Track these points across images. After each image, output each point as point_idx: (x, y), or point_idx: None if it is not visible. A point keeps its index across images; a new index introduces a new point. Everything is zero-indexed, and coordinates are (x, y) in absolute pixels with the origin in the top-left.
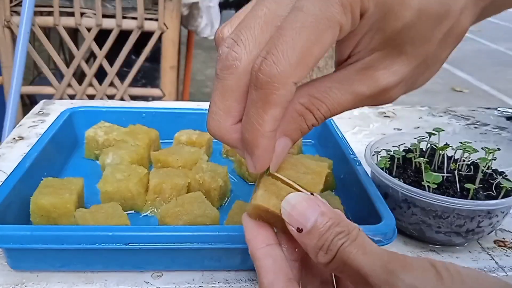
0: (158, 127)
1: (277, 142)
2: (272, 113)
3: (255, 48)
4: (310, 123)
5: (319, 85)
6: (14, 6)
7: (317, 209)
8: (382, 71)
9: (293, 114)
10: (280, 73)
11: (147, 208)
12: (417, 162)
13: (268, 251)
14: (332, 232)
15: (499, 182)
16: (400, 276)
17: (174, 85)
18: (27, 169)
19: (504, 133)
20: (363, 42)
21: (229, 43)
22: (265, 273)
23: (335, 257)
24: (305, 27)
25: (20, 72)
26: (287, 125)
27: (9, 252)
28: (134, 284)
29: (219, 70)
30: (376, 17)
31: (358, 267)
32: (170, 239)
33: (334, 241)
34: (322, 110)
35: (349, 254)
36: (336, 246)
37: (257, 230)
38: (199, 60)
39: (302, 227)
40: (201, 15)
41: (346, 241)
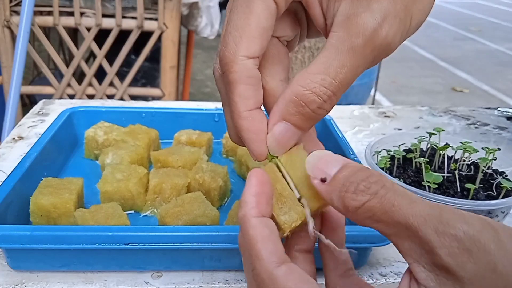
0: (158, 127)
1: (276, 126)
2: (237, 91)
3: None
4: (315, 105)
5: (315, 61)
6: (14, 6)
7: (341, 161)
8: (362, 14)
9: (289, 96)
10: (229, 51)
11: (147, 208)
12: (418, 162)
13: (265, 221)
14: (358, 175)
15: (500, 182)
16: (458, 225)
17: (174, 85)
18: (27, 169)
19: (504, 133)
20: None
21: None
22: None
23: (370, 202)
24: (239, 5)
25: (19, 72)
26: (283, 108)
27: (9, 252)
28: (134, 284)
29: None
30: None
31: (405, 216)
32: (170, 239)
33: (364, 183)
34: (326, 84)
35: (394, 201)
36: (372, 190)
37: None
38: (199, 60)
39: (326, 176)
40: (201, 14)
41: (382, 188)
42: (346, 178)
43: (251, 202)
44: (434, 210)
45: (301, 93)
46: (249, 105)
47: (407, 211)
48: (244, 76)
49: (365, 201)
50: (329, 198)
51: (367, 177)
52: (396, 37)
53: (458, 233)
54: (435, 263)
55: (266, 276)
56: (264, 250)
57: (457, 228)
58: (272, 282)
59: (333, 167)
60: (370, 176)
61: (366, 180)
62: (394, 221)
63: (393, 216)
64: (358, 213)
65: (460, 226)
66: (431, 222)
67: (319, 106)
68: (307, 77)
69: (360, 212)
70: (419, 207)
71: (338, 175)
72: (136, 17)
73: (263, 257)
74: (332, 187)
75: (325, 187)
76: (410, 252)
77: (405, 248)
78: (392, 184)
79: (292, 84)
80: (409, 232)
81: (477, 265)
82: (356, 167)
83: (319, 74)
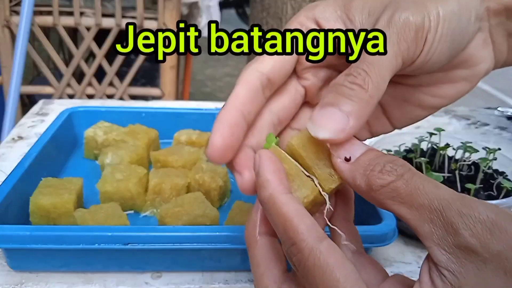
0: (157, 127)
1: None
2: (233, 91)
3: None
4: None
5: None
6: (14, 6)
7: (366, 146)
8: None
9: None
10: (248, 64)
11: (147, 208)
12: (418, 162)
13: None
14: (383, 159)
15: (500, 182)
16: (479, 208)
17: (174, 85)
18: (26, 169)
19: (504, 133)
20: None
21: None
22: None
23: (395, 182)
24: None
25: (19, 72)
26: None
27: (9, 252)
28: (133, 285)
29: None
30: None
31: (431, 199)
32: (170, 239)
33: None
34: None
35: (420, 185)
36: (399, 172)
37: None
38: (199, 60)
39: (351, 156)
40: (201, 14)
41: (408, 171)
42: (372, 159)
43: (274, 180)
44: (457, 195)
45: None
46: (235, 102)
47: (432, 195)
48: (244, 80)
49: (391, 180)
50: (352, 177)
51: (393, 160)
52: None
53: (481, 216)
54: (457, 245)
55: (308, 251)
56: (303, 225)
57: (480, 211)
58: (314, 257)
59: (358, 149)
60: (396, 159)
61: (392, 162)
62: (418, 204)
63: (418, 198)
64: (382, 191)
65: (483, 209)
66: (455, 205)
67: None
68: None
69: (384, 191)
70: (443, 191)
71: (363, 156)
72: (136, 17)
73: (303, 232)
74: (356, 167)
75: (349, 166)
76: (431, 235)
77: (425, 231)
78: (416, 170)
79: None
80: (432, 215)
81: (500, 245)
82: (381, 152)
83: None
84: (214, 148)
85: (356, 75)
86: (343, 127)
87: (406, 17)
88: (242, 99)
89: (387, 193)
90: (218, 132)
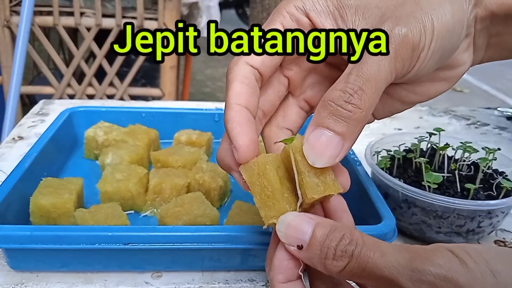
0: (158, 127)
1: (310, 134)
2: (232, 87)
3: None
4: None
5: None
6: (14, 6)
7: (310, 221)
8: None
9: (320, 103)
10: (234, 59)
11: (147, 208)
12: (418, 162)
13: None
14: (333, 238)
15: (500, 182)
16: (427, 270)
17: (174, 85)
18: (26, 169)
19: (504, 133)
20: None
21: None
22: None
23: (349, 264)
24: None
25: (19, 72)
26: (315, 116)
27: (9, 252)
28: (134, 284)
29: None
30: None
31: (381, 270)
32: (170, 239)
33: (341, 247)
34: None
35: (368, 258)
36: (348, 253)
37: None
38: (199, 60)
39: (302, 243)
40: (201, 14)
41: (356, 246)
42: (322, 243)
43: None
44: (403, 258)
45: (327, 94)
46: (239, 100)
47: (381, 265)
48: (240, 76)
49: (345, 264)
50: (311, 263)
51: (340, 239)
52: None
53: (429, 278)
54: None
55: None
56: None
57: (427, 274)
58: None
59: (305, 231)
60: (343, 237)
61: (340, 243)
62: (374, 276)
63: (370, 272)
64: (342, 275)
65: (431, 270)
66: (404, 272)
67: (347, 100)
68: (333, 85)
69: (343, 274)
70: (390, 258)
71: (313, 241)
72: (136, 17)
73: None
74: (311, 254)
75: (304, 254)
76: None
77: None
78: (362, 239)
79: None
80: (387, 283)
81: None
82: (327, 227)
83: (343, 76)
84: (244, 149)
85: (352, 93)
86: (338, 153)
87: (405, 33)
88: (245, 96)
89: (346, 274)
90: (241, 133)
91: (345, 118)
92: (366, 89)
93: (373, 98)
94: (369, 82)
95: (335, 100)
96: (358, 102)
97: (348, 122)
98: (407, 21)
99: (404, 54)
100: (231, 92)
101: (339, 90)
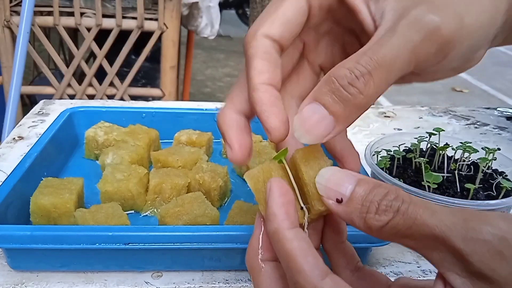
0: (158, 127)
1: (305, 106)
2: (253, 65)
3: None
4: (345, 81)
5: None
6: (14, 6)
7: (353, 177)
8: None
9: (325, 77)
10: (252, 30)
11: (147, 208)
12: (417, 162)
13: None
14: (377, 193)
15: (499, 182)
16: (485, 229)
17: (174, 85)
18: (27, 169)
19: (504, 133)
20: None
21: None
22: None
23: (393, 220)
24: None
25: (20, 72)
26: (316, 89)
27: (9, 252)
28: (134, 284)
29: None
30: None
31: (431, 228)
32: (170, 239)
33: (385, 202)
34: (361, 60)
35: (416, 215)
36: (394, 208)
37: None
38: (199, 60)
39: (342, 196)
40: (201, 15)
41: (402, 203)
42: (364, 197)
43: (280, 214)
44: (457, 217)
45: (334, 69)
46: (263, 79)
47: (430, 223)
48: (261, 51)
49: (389, 219)
50: (349, 219)
51: (385, 194)
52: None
53: (486, 237)
54: (468, 270)
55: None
56: (306, 264)
57: (485, 232)
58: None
59: (347, 185)
60: (388, 193)
61: (385, 198)
62: (420, 235)
63: (417, 229)
64: (383, 231)
65: (487, 229)
66: (457, 230)
67: (350, 82)
68: (347, 59)
69: (385, 230)
70: (442, 216)
71: (354, 195)
72: (136, 17)
73: (306, 271)
74: (350, 208)
75: (343, 208)
76: (442, 262)
77: (436, 259)
78: (409, 197)
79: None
80: (436, 242)
81: (510, 267)
82: (371, 184)
83: (357, 54)
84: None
85: (358, 75)
86: (327, 133)
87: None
88: (268, 74)
89: (387, 231)
90: (272, 115)
91: (343, 100)
92: (375, 75)
93: (380, 86)
94: (381, 68)
95: (339, 79)
96: (362, 87)
97: (346, 105)
98: (444, 11)
99: (430, 47)
100: (253, 72)
101: (346, 68)
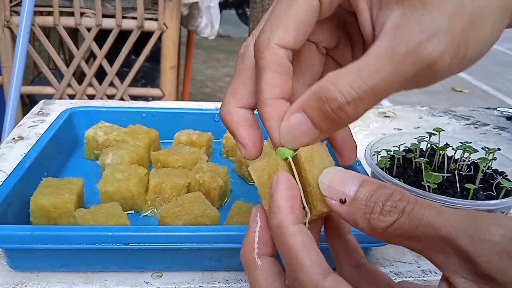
0: (158, 127)
1: (293, 115)
2: (265, 78)
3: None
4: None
5: (353, 63)
6: (14, 6)
7: (357, 178)
8: (412, 25)
9: (315, 89)
10: (263, 38)
11: (147, 208)
12: (417, 162)
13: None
14: (381, 193)
15: (499, 182)
16: (491, 230)
17: (174, 85)
18: (27, 169)
19: (504, 133)
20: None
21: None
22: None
23: (398, 221)
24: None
25: (20, 72)
26: (305, 99)
27: (9, 252)
28: (134, 284)
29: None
30: None
31: (437, 229)
32: (170, 239)
33: (390, 203)
34: (354, 85)
35: (422, 216)
36: (398, 209)
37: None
38: (199, 60)
39: (345, 197)
40: (201, 15)
41: (408, 204)
42: (368, 198)
43: (286, 208)
44: (464, 218)
45: (326, 87)
46: (274, 93)
47: (437, 223)
48: (274, 64)
49: (394, 220)
50: (352, 219)
51: (390, 195)
52: (444, 58)
53: (494, 238)
54: (476, 272)
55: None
56: (308, 260)
57: (493, 233)
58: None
59: (350, 186)
60: (393, 193)
61: (390, 199)
62: (426, 236)
63: (423, 230)
64: (387, 233)
65: (495, 229)
66: (464, 231)
67: (340, 107)
68: (339, 75)
69: (389, 232)
70: (448, 217)
71: (358, 195)
72: (136, 17)
73: (307, 268)
74: (354, 209)
75: (346, 208)
76: (448, 265)
77: (441, 261)
78: (415, 198)
79: (322, 79)
80: (442, 244)
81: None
82: (375, 184)
83: (351, 74)
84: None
85: (349, 101)
86: (312, 142)
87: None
88: (280, 87)
89: (392, 232)
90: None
91: (331, 120)
92: (366, 100)
93: (370, 106)
94: (372, 95)
95: (330, 101)
96: (351, 112)
97: (332, 124)
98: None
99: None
100: (264, 85)
101: (338, 90)
